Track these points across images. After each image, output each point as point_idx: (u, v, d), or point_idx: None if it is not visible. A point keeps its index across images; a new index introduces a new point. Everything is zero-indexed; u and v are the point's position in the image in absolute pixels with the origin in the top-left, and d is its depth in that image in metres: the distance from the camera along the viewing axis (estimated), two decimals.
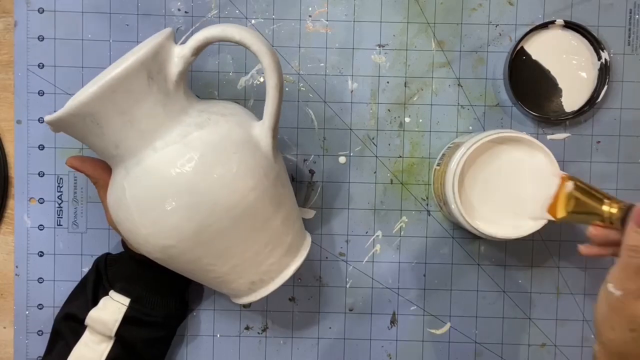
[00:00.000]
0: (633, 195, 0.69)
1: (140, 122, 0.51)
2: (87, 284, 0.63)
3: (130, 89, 0.50)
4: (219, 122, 0.53)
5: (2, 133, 0.69)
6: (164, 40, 0.52)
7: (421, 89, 0.69)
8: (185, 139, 0.52)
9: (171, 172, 0.51)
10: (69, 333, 0.61)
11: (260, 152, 0.55)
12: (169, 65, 0.53)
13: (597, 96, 0.67)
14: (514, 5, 0.68)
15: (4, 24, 0.69)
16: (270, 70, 0.53)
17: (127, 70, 0.50)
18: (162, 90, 0.52)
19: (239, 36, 0.52)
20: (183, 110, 0.54)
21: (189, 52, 0.53)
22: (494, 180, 0.61)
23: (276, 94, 0.54)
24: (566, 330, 0.69)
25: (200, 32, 0.53)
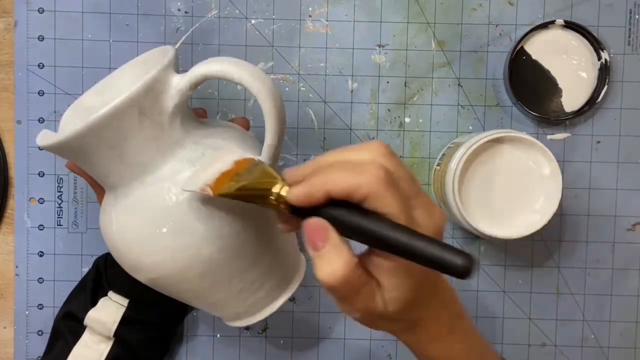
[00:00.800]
0: (633, 195, 0.69)
1: (130, 156, 0.49)
2: (87, 283, 0.63)
3: (119, 126, 0.48)
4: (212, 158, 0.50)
5: (2, 133, 0.69)
6: (159, 73, 0.49)
7: (421, 89, 0.69)
8: (175, 177, 0.49)
9: (157, 211, 0.49)
10: (68, 332, 0.61)
11: None
12: (165, 99, 0.49)
13: (597, 96, 0.67)
14: (514, 5, 0.68)
15: (4, 24, 0.69)
16: (271, 115, 0.49)
17: (117, 109, 0.47)
18: (155, 125, 0.49)
19: (238, 76, 0.48)
20: (178, 142, 0.50)
21: (187, 87, 0.49)
22: (494, 180, 0.61)
23: (274, 137, 0.49)
24: (566, 330, 0.69)
25: (200, 67, 0.49)
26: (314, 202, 0.39)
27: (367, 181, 0.37)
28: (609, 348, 0.69)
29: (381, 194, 0.37)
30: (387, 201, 0.37)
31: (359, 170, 0.38)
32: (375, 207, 0.38)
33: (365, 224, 0.38)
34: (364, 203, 0.38)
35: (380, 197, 0.37)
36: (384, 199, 0.37)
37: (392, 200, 0.38)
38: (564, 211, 0.68)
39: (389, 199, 0.37)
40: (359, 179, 0.38)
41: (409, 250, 0.37)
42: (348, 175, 0.38)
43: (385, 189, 0.37)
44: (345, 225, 0.39)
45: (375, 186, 0.37)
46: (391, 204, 0.38)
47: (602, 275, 0.69)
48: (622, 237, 0.69)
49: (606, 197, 0.69)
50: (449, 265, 0.36)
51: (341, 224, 0.39)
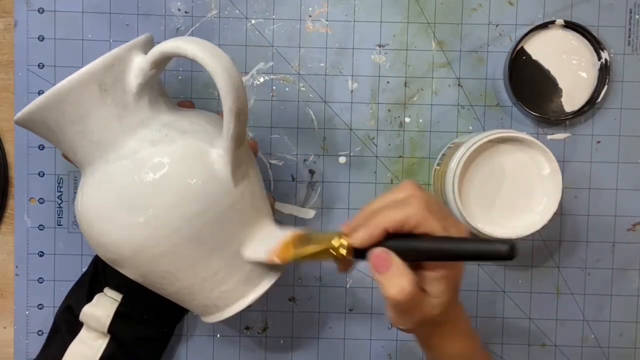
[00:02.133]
0: (633, 195, 0.69)
1: (93, 133, 0.50)
2: (84, 280, 0.63)
3: (78, 101, 0.49)
4: (175, 140, 0.51)
5: (2, 133, 0.69)
6: (121, 51, 0.50)
7: (421, 89, 0.69)
8: (135, 155, 0.50)
9: (116, 188, 0.50)
10: (65, 328, 0.61)
11: (213, 177, 0.51)
12: (128, 77, 0.50)
13: (597, 96, 0.67)
14: (514, 5, 0.68)
15: (4, 24, 0.69)
16: (225, 92, 0.48)
17: (73, 82, 0.48)
18: (118, 103, 0.50)
19: (191, 53, 0.48)
20: (143, 122, 0.51)
21: (148, 66, 0.50)
22: (494, 180, 0.61)
23: (231, 118, 0.49)
24: (566, 330, 0.69)
25: (157, 46, 0.50)
26: (375, 239, 0.47)
27: (414, 212, 0.47)
28: (609, 348, 0.69)
29: (427, 219, 0.47)
30: (431, 223, 0.46)
31: (405, 205, 0.47)
32: (425, 230, 0.47)
33: (422, 244, 0.47)
34: (415, 230, 0.47)
35: (427, 221, 0.47)
36: (429, 223, 0.46)
37: (434, 222, 0.47)
38: (564, 211, 0.68)
39: (432, 222, 0.47)
40: (408, 211, 0.47)
41: (462, 252, 0.46)
42: (398, 211, 0.47)
43: (428, 215, 0.47)
44: (405, 249, 0.47)
45: (421, 214, 0.46)
46: (435, 225, 0.47)
47: (602, 275, 0.69)
48: (622, 237, 0.69)
49: (606, 197, 0.69)
50: (497, 253, 0.44)
51: (401, 249, 0.47)
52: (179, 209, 0.49)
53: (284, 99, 0.68)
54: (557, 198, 0.60)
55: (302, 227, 0.62)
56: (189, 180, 0.50)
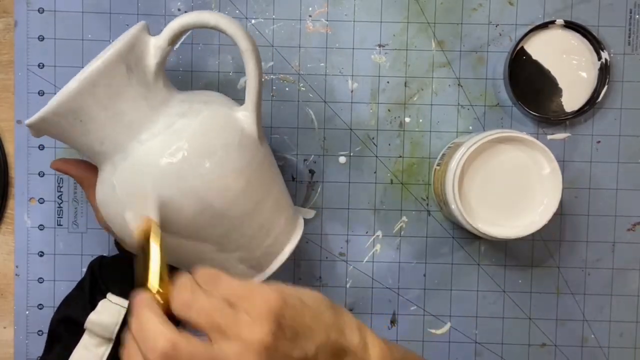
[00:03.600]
0: (633, 195, 0.69)
1: (124, 115, 0.52)
2: (84, 287, 0.63)
3: (110, 83, 0.50)
4: (201, 109, 0.54)
5: (2, 133, 0.69)
6: (138, 32, 0.53)
7: (421, 89, 0.69)
8: (170, 129, 0.52)
9: (160, 163, 0.51)
10: (67, 336, 0.61)
11: (245, 136, 0.55)
12: (147, 57, 0.53)
13: (597, 96, 0.67)
14: (514, 5, 0.68)
15: (4, 24, 0.69)
16: (248, 53, 0.53)
17: (106, 63, 0.50)
18: (142, 83, 0.52)
19: (214, 21, 0.53)
20: (164, 101, 0.54)
21: (165, 42, 0.53)
22: (494, 180, 0.61)
23: (256, 76, 0.54)
24: (566, 330, 0.69)
25: (175, 20, 0.53)
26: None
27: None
28: (609, 348, 0.69)
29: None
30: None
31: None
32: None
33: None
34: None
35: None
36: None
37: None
38: (564, 211, 0.68)
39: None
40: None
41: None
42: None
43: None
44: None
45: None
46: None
47: (602, 275, 0.69)
48: (622, 237, 0.69)
49: (606, 197, 0.69)
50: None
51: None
52: (224, 168, 0.52)
53: (284, 99, 0.68)
54: (557, 198, 0.60)
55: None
56: (227, 141, 0.53)
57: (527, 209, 0.62)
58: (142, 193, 0.51)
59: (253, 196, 0.54)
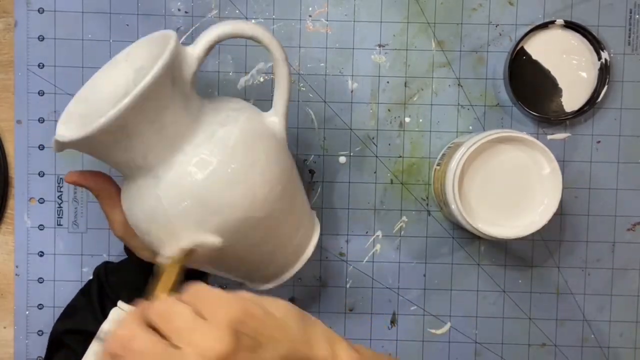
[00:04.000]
0: (633, 195, 0.69)
1: (168, 128, 0.51)
2: (91, 295, 0.62)
3: (158, 96, 0.50)
4: (238, 117, 0.54)
5: (2, 133, 0.69)
6: (177, 42, 0.52)
7: (421, 89, 0.69)
8: (213, 138, 0.52)
9: (207, 173, 0.51)
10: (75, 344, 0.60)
11: (277, 140, 0.56)
12: (185, 67, 0.53)
13: (597, 96, 0.67)
14: (514, 5, 0.68)
15: (4, 24, 0.69)
16: (281, 61, 0.55)
17: (157, 76, 0.49)
18: (182, 94, 0.52)
19: (250, 32, 0.54)
20: (200, 110, 0.54)
21: (203, 52, 0.53)
22: (494, 180, 0.61)
23: (287, 84, 0.56)
24: (566, 330, 0.69)
25: (212, 30, 0.53)
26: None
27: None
28: (609, 348, 0.69)
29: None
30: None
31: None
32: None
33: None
34: None
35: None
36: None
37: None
38: (564, 211, 0.68)
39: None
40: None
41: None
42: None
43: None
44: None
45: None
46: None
47: (602, 275, 0.69)
48: (622, 237, 0.69)
49: (606, 197, 0.69)
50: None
51: None
52: (267, 172, 0.53)
53: None
54: (557, 198, 0.60)
55: None
56: (266, 146, 0.54)
57: (527, 209, 0.62)
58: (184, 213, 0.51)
59: (290, 198, 0.56)
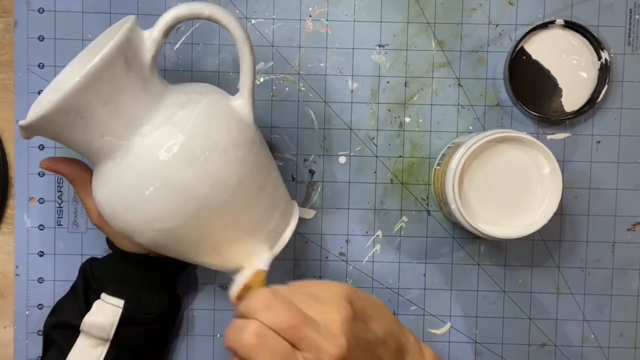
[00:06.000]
0: (633, 195, 0.69)
1: (125, 109, 0.52)
2: (77, 290, 0.63)
3: (111, 77, 0.50)
4: (199, 99, 0.54)
5: (2, 133, 0.69)
6: (132, 25, 0.53)
7: (421, 89, 0.69)
8: (171, 120, 0.52)
9: (165, 154, 0.51)
10: (62, 340, 0.61)
11: (243, 122, 0.55)
12: (142, 50, 0.53)
13: (597, 96, 0.67)
14: (514, 5, 0.68)
15: (4, 24, 0.69)
16: (242, 41, 0.55)
17: (106, 58, 0.50)
18: (139, 76, 0.53)
19: (208, 12, 0.53)
20: (161, 94, 0.54)
21: (159, 34, 0.54)
22: (494, 180, 0.61)
23: (250, 64, 0.56)
24: (566, 330, 0.69)
25: (168, 12, 0.54)
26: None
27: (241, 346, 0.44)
28: (609, 348, 0.69)
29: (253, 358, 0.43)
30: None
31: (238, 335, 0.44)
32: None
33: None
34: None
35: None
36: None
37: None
38: (564, 211, 0.68)
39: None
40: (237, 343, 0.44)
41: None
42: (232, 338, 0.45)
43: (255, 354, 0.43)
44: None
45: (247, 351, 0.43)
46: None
47: (602, 275, 0.69)
48: (622, 237, 0.69)
49: (606, 197, 0.69)
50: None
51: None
52: (228, 155, 0.53)
53: (284, 99, 0.68)
54: (557, 198, 0.60)
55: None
56: (229, 128, 0.54)
57: (527, 209, 0.62)
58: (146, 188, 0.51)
59: (256, 181, 0.55)
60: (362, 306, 0.47)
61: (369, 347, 0.46)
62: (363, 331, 0.46)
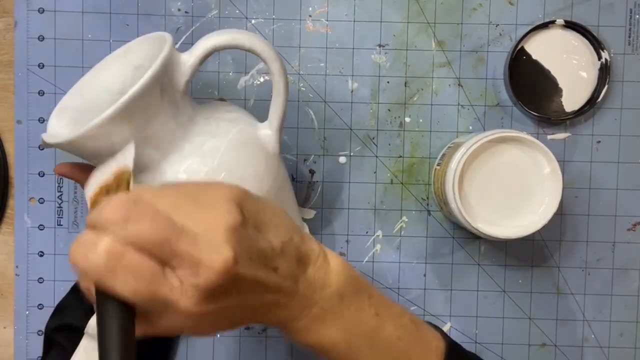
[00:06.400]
0: (633, 195, 0.69)
1: (156, 137, 0.50)
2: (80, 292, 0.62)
3: (145, 106, 0.48)
4: (229, 129, 0.53)
5: (2, 133, 0.69)
6: (170, 50, 0.50)
7: (421, 89, 0.69)
8: (200, 150, 0.51)
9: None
10: (65, 341, 0.61)
11: (269, 154, 0.55)
12: (177, 76, 0.51)
13: (598, 96, 0.67)
14: (514, 5, 0.68)
15: (4, 24, 0.69)
16: (279, 74, 0.54)
17: (144, 88, 0.47)
18: (172, 102, 0.51)
19: (249, 44, 0.52)
20: (191, 119, 0.52)
21: (197, 61, 0.51)
22: (494, 180, 0.61)
23: (284, 97, 0.55)
24: (566, 330, 0.69)
25: (208, 40, 0.51)
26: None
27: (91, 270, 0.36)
28: (609, 348, 0.69)
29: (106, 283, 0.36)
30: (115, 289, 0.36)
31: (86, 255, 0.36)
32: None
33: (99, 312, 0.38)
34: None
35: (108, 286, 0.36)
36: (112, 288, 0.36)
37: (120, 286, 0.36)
38: (564, 211, 0.68)
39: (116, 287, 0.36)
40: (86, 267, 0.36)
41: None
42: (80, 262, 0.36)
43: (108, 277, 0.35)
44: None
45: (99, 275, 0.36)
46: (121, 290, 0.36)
47: (602, 275, 0.69)
48: (622, 237, 0.69)
49: (606, 197, 0.69)
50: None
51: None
52: (255, 188, 0.52)
53: None
54: (557, 198, 0.60)
55: None
56: (255, 161, 0.53)
57: (527, 209, 0.62)
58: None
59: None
60: (255, 211, 0.40)
61: (261, 258, 0.39)
62: (254, 240, 0.39)
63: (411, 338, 0.46)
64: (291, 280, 0.41)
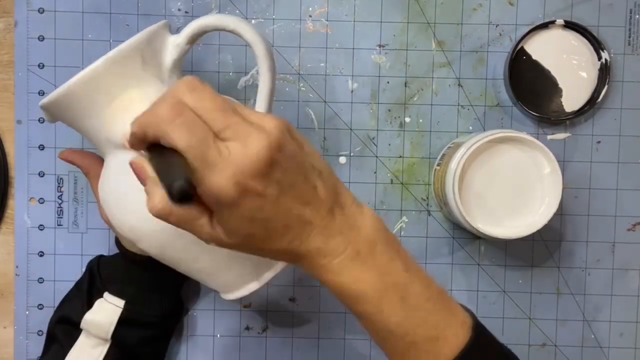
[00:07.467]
0: (633, 195, 0.69)
1: (134, 105, 0.52)
2: (82, 286, 0.63)
3: (125, 70, 0.52)
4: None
5: (2, 133, 0.69)
6: (158, 28, 0.54)
7: (421, 89, 0.69)
8: None
9: None
10: (63, 336, 0.61)
11: None
12: (164, 53, 0.55)
13: (598, 96, 0.67)
14: (514, 5, 0.68)
15: (4, 24, 0.69)
16: (263, 55, 0.55)
17: (123, 51, 0.51)
18: (156, 78, 0.54)
19: (233, 25, 0.54)
20: None
21: (184, 40, 0.55)
22: (494, 180, 0.61)
23: (270, 81, 0.55)
24: (566, 330, 0.69)
25: (196, 21, 0.55)
26: (136, 144, 0.40)
27: (154, 121, 0.38)
28: (609, 348, 0.69)
29: (165, 131, 0.38)
30: (172, 137, 0.38)
31: (153, 109, 0.39)
32: (168, 144, 0.38)
33: (157, 163, 0.40)
34: (161, 141, 0.39)
35: (166, 133, 0.38)
36: (169, 135, 0.38)
37: (177, 136, 0.38)
38: (564, 211, 0.68)
39: (173, 136, 0.38)
40: (150, 118, 0.39)
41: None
42: (145, 115, 0.39)
43: (168, 126, 0.38)
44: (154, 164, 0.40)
45: (160, 124, 0.38)
46: (177, 140, 0.38)
47: (602, 275, 0.69)
48: (622, 237, 0.69)
49: (606, 197, 0.69)
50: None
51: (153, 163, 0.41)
52: None
53: (284, 99, 0.68)
54: (557, 198, 0.60)
55: None
56: None
57: (527, 209, 0.62)
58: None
59: None
60: (300, 138, 0.43)
61: (301, 169, 0.41)
62: (297, 152, 0.41)
63: (438, 303, 0.45)
64: (328, 204, 0.42)
